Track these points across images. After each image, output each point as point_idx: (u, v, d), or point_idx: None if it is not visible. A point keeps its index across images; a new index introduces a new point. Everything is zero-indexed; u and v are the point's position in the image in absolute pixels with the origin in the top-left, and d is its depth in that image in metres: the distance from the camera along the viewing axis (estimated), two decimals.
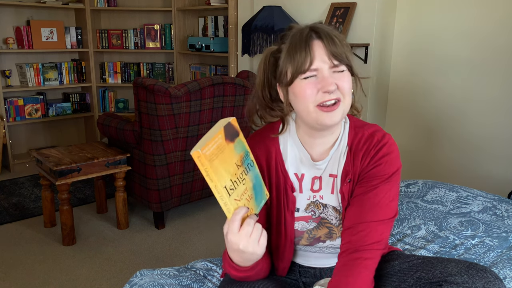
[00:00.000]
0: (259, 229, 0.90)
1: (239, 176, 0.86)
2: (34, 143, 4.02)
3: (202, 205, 3.00)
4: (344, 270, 0.99)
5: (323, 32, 0.99)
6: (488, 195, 1.94)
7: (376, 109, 2.94)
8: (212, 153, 0.79)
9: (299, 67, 0.98)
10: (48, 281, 2.09)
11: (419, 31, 2.79)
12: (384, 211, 1.02)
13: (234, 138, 0.87)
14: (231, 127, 0.86)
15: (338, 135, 1.09)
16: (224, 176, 0.82)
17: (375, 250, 1.00)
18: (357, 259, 0.98)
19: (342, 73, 1.00)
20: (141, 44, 4.27)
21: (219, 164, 0.81)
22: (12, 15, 3.73)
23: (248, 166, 0.90)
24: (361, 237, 1.00)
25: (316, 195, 1.10)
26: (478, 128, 2.61)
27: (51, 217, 2.63)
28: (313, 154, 1.10)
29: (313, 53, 0.98)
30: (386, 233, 1.02)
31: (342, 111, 1.00)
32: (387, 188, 1.03)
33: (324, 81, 0.97)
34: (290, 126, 1.12)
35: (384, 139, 1.06)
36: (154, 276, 1.23)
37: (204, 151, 0.77)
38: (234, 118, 0.89)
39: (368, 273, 0.98)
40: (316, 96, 0.98)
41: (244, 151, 0.89)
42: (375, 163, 1.04)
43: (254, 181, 0.92)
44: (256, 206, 0.92)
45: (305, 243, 1.13)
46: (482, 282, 0.91)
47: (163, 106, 2.35)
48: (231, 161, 0.84)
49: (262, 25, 2.95)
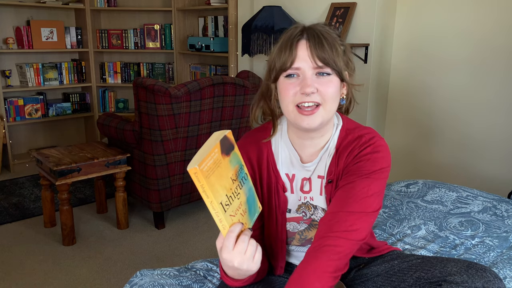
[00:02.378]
0: (254, 245, 0.88)
1: (234, 191, 0.85)
2: (34, 143, 4.02)
3: (202, 205, 3.00)
4: (304, 258, 0.96)
5: (312, 33, 0.99)
6: (488, 195, 1.94)
7: (376, 109, 2.94)
8: (209, 168, 0.78)
9: (282, 64, 0.99)
10: (48, 281, 2.09)
11: (419, 31, 2.79)
12: (358, 204, 0.98)
13: (230, 152, 0.86)
14: (227, 141, 0.85)
15: (328, 137, 1.08)
16: (220, 192, 0.81)
17: (339, 238, 0.94)
18: (318, 246, 0.95)
19: (328, 77, 0.99)
20: (141, 44, 4.28)
21: (216, 180, 0.80)
22: (12, 15, 3.73)
23: (243, 179, 0.89)
24: (328, 226, 0.97)
25: (307, 197, 1.10)
26: (478, 128, 2.61)
27: (51, 217, 2.63)
28: (303, 155, 1.10)
29: (297, 52, 0.98)
30: (358, 225, 0.96)
31: (321, 116, 0.99)
32: (366, 183, 0.99)
33: (303, 82, 0.97)
34: (282, 127, 1.13)
35: (372, 140, 1.04)
36: (154, 276, 1.23)
37: (201, 167, 0.76)
38: (230, 131, 0.87)
39: (326, 259, 0.92)
40: (295, 96, 0.98)
41: (239, 164, 0.88)
42: (357, 160, 1.03)
43: (248, 194, 0.90)
44: (250, 220, 0.91)
45: (297, 244, 1.14)
46: (482, 281, 0.91)
47: (163, 106, 2.35)
48: (227, 176, 0.83)
49: (262, 25, 2.95)
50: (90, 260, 2.28)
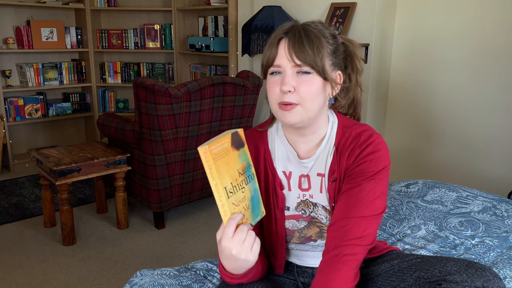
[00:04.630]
0: (252, 236, 0.89)
1: (240, 183, 0.88)
2: (34, 143, 4.02)
3: (202, 205, 3.00)
4: (324, 268, 0.97)
5: (295, 32, 0.99)
6: (488, 195, 1.94)
7: (376, 109, 2.94)
8: (218, 153, 0.83)
9: (266, 61, 1.02)
10: (48, 281, 2.09)
11: (419, 32, 2.79)
12: (368, 208, 1.00)
13: (239, 148, 0.89)
14: (238, 136, 0.89)
15: (323, 134, 1.09)
16: (226, 177, 0.84)
17: (356, 246, 0.97)
18: (336, 255, 0.96)
19: (308, 75, 0.98)
20: (141, 44, 4.28)
21: (223, 165, 0.83)
22: (12, 15, 3.73)
23: (249, 177, 0.91)
24: (342, 233, 0.98)
25: (306, 194, 1.10)
26: (478, 128, 2.61)
27: (51, 217, 2.63)
28: (300, 151, 1.10)
29: (278, 49, 1.00)
30: (369, 229, 0.99)
31: (300, 114, 0.99)
32: (372, 185, 1.01)
33: (283, 80, 0.99)
34: (278, 124, 1.13)
35: (371, 138, 1.04)
36: (154, 276, 1.23)
37: (211, 148, 0.81)
38: (242, 129, 0.91)
39: (348, 269, 0.95)
40: (277, 94, 1.00)
41: (247, 162, 0.91)
42: (360, 161, 1.03)
43: (253, 194, 0.92)
44: (252, 218, 0.92)
45: (297, 241, 1.14)
46: (481, 280, 0.91)
47: (163, 106, 2.35)
48: (234, 167, 0.87)
49: (262, 25, 2.95)
50: (90, 260, 2.28)
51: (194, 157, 2.61)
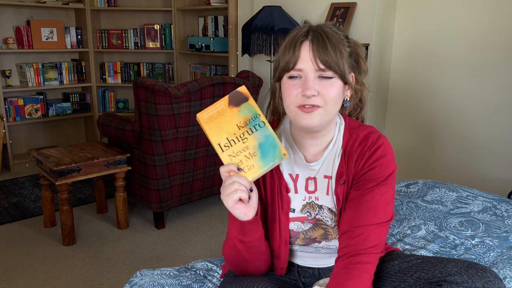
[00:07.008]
0: (233, 186, 0.94)
1: (239, 136, 0.97)
2: (34, 143, 4.02)
3: (202, 205, 3.00)
4: (343, 273, 0.98)
5: (316, 35, 0.98)
6: (488, 195, 1.94)
7: (376, 109, 2.94)
8: (210, 117, 0.97)
9: (285, 64, 1.00)
10: (48, 281, 2.09)
11: (419, 31, 2.79)
12: (381, 214, 1.01)
13: (241, 103, 0.97)
14: (238, 94, 0.98)
15: (331, 136, 1.09)
16: (220, 135, 0.97)
17: (374, 254, 1.00)
18: (357, 263, 0.98)
19: (330, 80, 0.98)
20: (141, 44, 4.27)
21: (215, 126, 0.97)
22: (12, 15, 3.73)
23: (255, 126, 0.97)
24: (360, 240, 1.00)
25: (312, 196, 1.10)
26: (478, 128, 2.61)
27: (51, 217, 2.63)
28: (307, 155, 1.10)
29: (300, 53, 0.98)
30: (383, 236, 1.02)
31: (320, 116, 0.99)
32: (383, 191, 1.02)
33: (305, 84, 0.97)
34: (285, 127, 1.13)
35: (379, 141, 1.05)
36: (154, 276, 1.23)
37: (201, 115, 0.97)
38: (244, 86, 0.98)
39: (368, 277, 0.99)
40: (297, 98, 0.99)
41: (252, 113, 0.97)
42: (370, 166, 1.04)
43: (262, 140, 0.97)
44: (262, 164, 0.96)
45: (301, 243, 1.13)
46: (482, 281, 0.91)
47: (163, 106, 2.35)
48: (231, 123, 0.97)
49: (262, 25, 2.95)
50: (90, 260, 2.28)
51: (194, 157, 2.61)
